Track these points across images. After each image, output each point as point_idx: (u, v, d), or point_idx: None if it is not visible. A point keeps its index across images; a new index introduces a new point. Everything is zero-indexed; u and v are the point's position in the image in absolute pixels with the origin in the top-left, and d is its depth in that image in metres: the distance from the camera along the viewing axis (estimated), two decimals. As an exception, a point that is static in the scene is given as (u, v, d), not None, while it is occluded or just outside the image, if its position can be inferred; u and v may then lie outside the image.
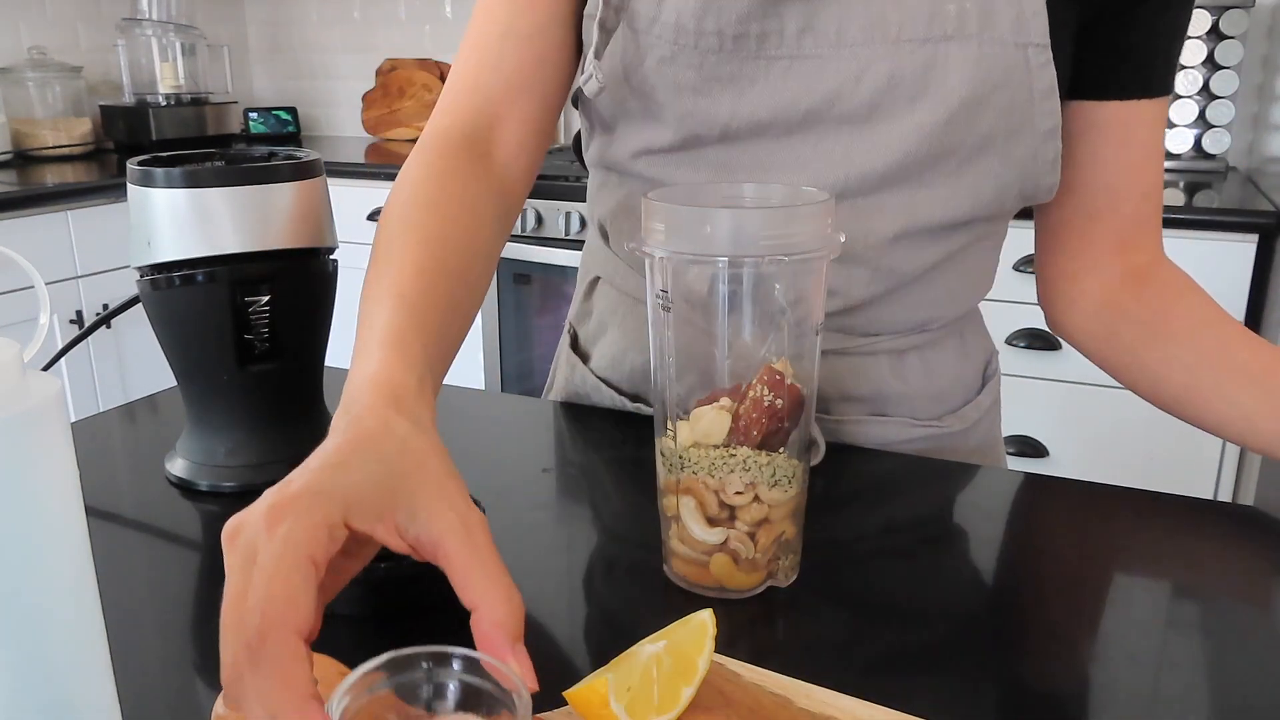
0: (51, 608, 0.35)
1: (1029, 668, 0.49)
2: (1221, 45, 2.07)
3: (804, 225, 0.49)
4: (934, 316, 0.75)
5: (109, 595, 0.54)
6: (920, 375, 0.76)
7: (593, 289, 0.86)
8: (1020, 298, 1.96)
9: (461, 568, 0.40)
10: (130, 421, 0.83)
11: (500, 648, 0.38)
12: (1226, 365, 0.69)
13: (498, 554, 0.41)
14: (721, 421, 0.51)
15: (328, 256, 0.69)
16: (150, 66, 2.81)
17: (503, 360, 2.47)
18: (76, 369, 2.26)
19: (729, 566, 0.53)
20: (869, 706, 0.42)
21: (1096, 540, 0.62)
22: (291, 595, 0.36)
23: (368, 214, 2.52)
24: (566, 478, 0.71)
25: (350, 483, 0.41)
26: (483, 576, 0.40)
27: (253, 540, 0.38)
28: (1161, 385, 0.73)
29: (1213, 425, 0.70)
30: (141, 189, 0.64)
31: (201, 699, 0.47)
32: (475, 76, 0.71)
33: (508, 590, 0.40)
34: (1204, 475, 1.91)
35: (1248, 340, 0.69)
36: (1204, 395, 0.70)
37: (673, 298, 0.51)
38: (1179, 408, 0.72)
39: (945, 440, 0.78)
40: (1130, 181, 0.72)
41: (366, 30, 3.12)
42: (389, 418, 0.45)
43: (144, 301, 0.67)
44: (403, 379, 0.48)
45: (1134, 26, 0.68)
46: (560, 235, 2.26)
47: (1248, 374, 0.68)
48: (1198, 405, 0.71)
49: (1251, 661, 0.49)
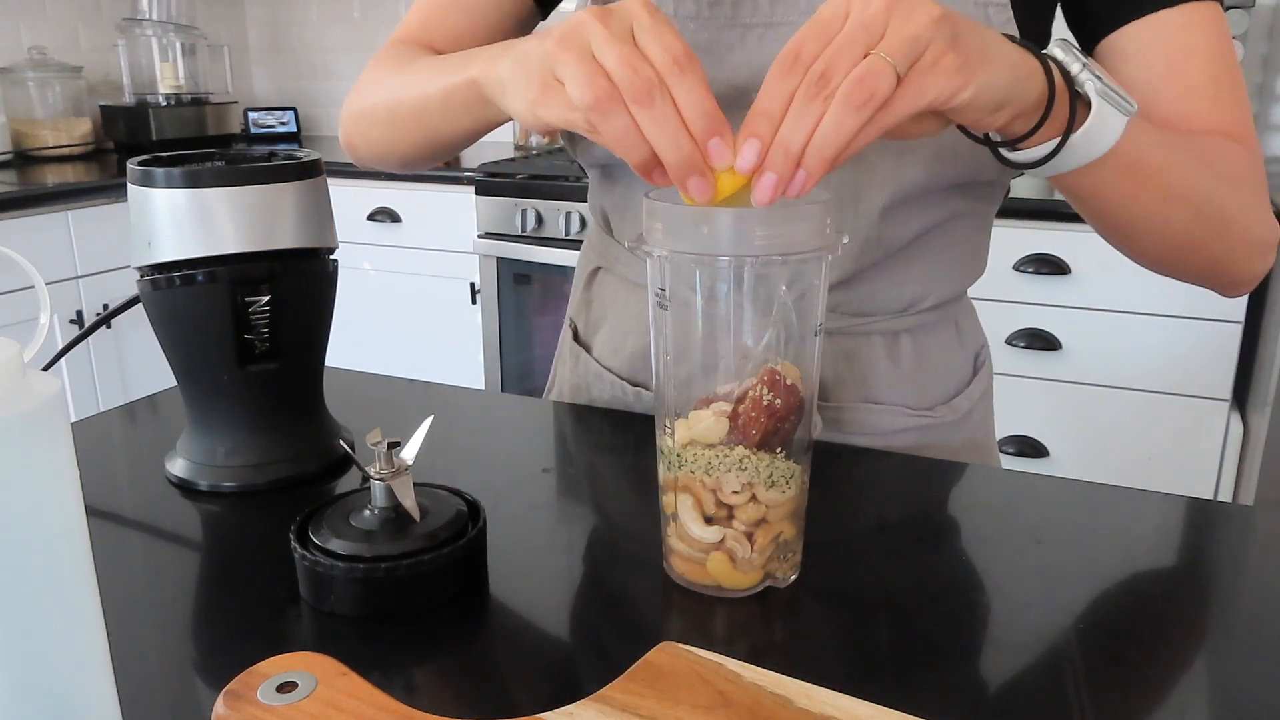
0: (51, 608, 0.35)
1: (1029, 667, 0.49)
2: (1221, 45, 2.06)
3: (804, 225, 0.49)
4: (924, 294, 0.77)
5: (109, 595, 0.54)
6: (913, 359, 0.78)
7: (593, 280, 0.87)
8: (1020, 298, 1.96)
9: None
10: (130, 421, 0.83)
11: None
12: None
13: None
14: (719, 422, 0.51)
15: (328, 256, 0.70)
16: (150, 66, 2.81)
17: (503, 360, 2.47)
18: (76, 369, 2.26)
19: (726, 565, 0.53)
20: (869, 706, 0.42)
21: (1095, 540, 0.62)
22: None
23: (368, 214, 2.52)
24: (566, 478, 0.71)
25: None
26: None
27: (629, 13, 0.50)
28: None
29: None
30: (142, 189, 0.64)
31: (201, 699, 0.47)
32: (425, 25, 0.84)
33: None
34: (1204, 475, 1.91)
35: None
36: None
37: (672, 297, 0.51)
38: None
39: (938, 431, 0.79)
40: (1161, 89, 0.69)
41: (366, 30, 3.12)
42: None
43: (144, 301, 0.67)
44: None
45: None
46: (560, 235, 2.26)
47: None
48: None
49: (1251, 661, 0.49)
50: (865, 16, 0.47)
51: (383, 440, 0.54)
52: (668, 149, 0.47)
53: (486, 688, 0.47)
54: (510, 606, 0.54)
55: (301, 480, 0.69)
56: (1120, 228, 0.67)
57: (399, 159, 0.79)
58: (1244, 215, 0.67)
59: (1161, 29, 0.68)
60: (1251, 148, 0.69)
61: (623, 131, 0.48)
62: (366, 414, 0.81)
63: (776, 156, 0.47)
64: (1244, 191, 0.67)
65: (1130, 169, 0.60)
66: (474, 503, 0.57)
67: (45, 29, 2.75)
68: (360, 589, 0.52)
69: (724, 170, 0.48)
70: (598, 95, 0.48)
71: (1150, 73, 0.69)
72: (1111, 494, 0.68)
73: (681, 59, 0.48)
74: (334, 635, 0.51)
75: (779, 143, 0.47)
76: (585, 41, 0.49)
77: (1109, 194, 0.62)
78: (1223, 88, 0.69)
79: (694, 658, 0.44)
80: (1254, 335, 1.92)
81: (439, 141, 0.73)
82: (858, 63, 0.46)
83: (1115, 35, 0.70)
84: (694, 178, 0.48)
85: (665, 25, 0.49)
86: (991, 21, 0.68)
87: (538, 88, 0.52)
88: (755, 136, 0.47)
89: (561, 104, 0.51)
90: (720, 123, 0.48)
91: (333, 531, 0.53)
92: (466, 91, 0.63)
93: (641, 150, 0.49)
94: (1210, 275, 0.70)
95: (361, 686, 0.41)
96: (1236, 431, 1.89)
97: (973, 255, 0.80)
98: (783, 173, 0.47)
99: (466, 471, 0.71)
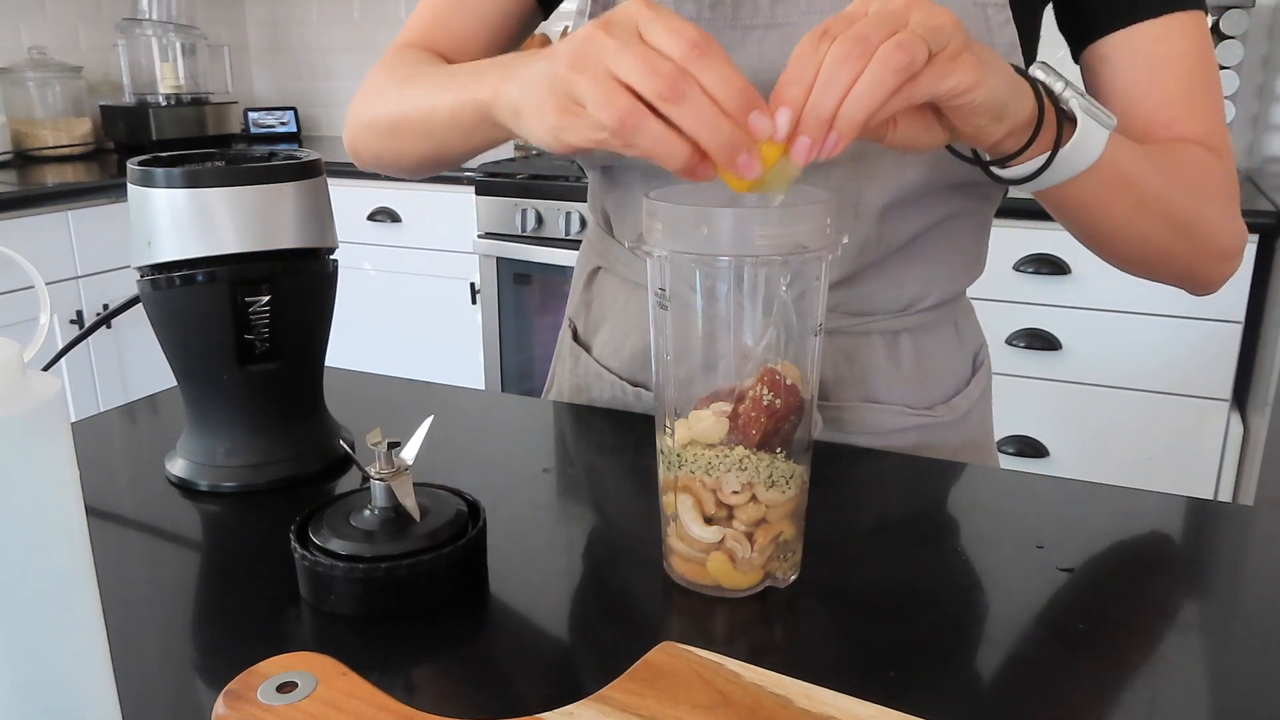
0: (51, 608, 0.35)
1: (1028, 667, 0.49)
2: (1222, 45, 2.07)
3: (804, 225, 0.49)
4: (923, 294, 0.77)
5: (109, 595, 0.54)
6: (912, 359, 0.78)
7: (592, 280, 0.87)
8: (1020, 298, 1.96)
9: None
10: (130, 421, 0.83)
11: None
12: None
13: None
14: (719, 422, 0.51)
15: (328, 256, 0.70)
16: (150, 66, 2.81)
17: (503, 360, 2.47)
18: (76, 369, 2.26)
19: (726, 565, 0.53)
20: (869, 706, 0.42)
21: (1095, 540, 0.62)
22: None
23: (368, 214, 2.52)
24: (566, 478, 0.71)
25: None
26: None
27: (630, 14, 0.49)
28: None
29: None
30: (142, 189, 0.64)
31: (201, 699, 0.47)
32: (429, 28, 0.83)
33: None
34: (1204, 475, 1.91)
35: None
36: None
37: (672, 297, 0.51)
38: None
39: (938, 431, 0.80)
40: (1140, 96, 0.72)
41: (366, 30, 3.12)
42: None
43: (144, 301, 0.67)
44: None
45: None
46: (560, 235, 2.26)
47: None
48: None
49: (1251, 661, 0.49)
50: (891, 8, 0.49)
51: (383, 440, 0.54)
52: (708, 136, 0.48)
53: (486, 688, 0.47)
54: (510, 606, 0.54)
55: (301, 480, 0.69)
56: (1098, 235, 0.69)
57: (404, 169, 0.80)
58: (1214, 224, 0.70)
59: (1145, 38, 0.70)
60: (1224, 157, 0.72)
61: (657, 140, 0.48)
62: (366, 414, 0.81)
63: (810, 117, 0.48)
64: (1215, 202, 0.70)
65: (1110, 181, 0.62)
66: (474, 503, 0.57)
67: (45, 29, 2.75)
68: (360, 589, 0.52)
69: (766, 141, 0.49)
70: (621, 114, 0.48)
71: (1132, 80, 0.71)
72: (1111, 494, 0.68)
73: (698, 42, 0.48)
74: (334, 635, 0.51)
75: (813, 105, 0.48)
76: (597, 58, 0.49)
77: (1090, 204, 0.65)
78: (1200, 98, 0.71)
79: (694, 658, 0.44)
80: (1254, 335, 1.92)
81: (445, 155, 0.74)
82: (890, 35, 0.48)
83: (1101, 42, 0.71)
84: (742, 156, 0.48)
85: (669, 14, 0.49)
86: (990, 20, 0.68)
87: (557, 113, 0.52)
88: (788, 103, 0.48)
89: (586, 126, 0.51)
90: (753, 95, 0.48)
91: (333, 531, 0.53)
92: (475, 112, 0.63)
93: (681, 153, 0.48)
94: (1180, 279, 0.73)
95: (361, 686, 0.41)
96: (1236, 431, 1.89)
97: (972, 255, 0.81)
98: (816, 133, 0.48)
99: (466, 471, 0.71)
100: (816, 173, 0.69)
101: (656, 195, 0.51)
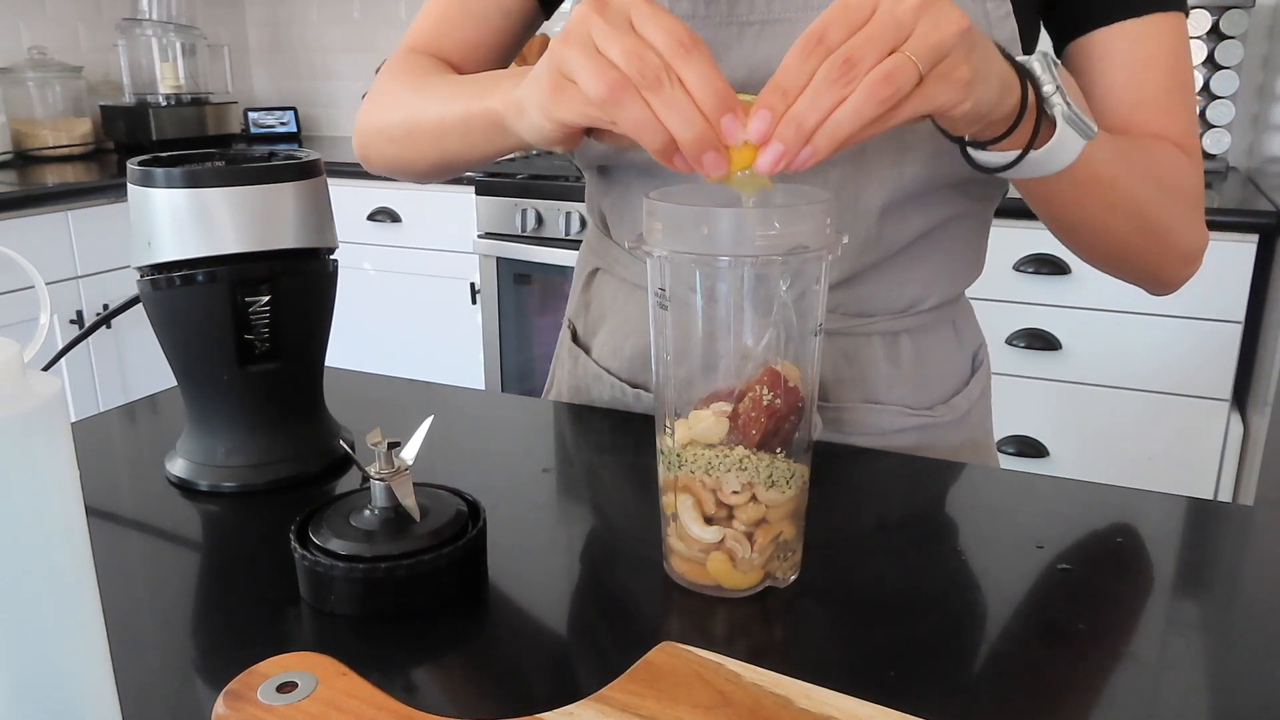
0: (51, 608, 0.35)
1: (1028, 668, 0.49)
2: (1221, 45, 2.07)
3: (804, 225, 0.49)
4: (923, 295, 0.78)
5: (109, 595, 0.54)
6: (912, 359, 0.79)
7: (591, 281, 0.87)
8: (1020, 298, 1.96)
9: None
10: (130, 421, 0.83)
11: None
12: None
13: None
14: (719, 422, 0.51)
15: (328, 256, 0.70)
16: (150, 66, 2.81)
17: (503, 360, 2.47)
18: (76, 369, 2.26)
19: (726, 565, 0.53)
20: (869, 706, 0.42)
21: (1095, 540, 0.62)
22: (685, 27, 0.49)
23: (368, 214, 2.52)
24: (566, 478, 0.71)
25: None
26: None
27: (624, 2, 0.50)
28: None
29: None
30: (142, 189, 0.64)
31: (201, 699, 0.47)
32: (435, 33, 0.84)
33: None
34: (1204, 475, 1.91)
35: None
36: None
37: (671, 297, 0.51)
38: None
39: (937, 431, 0.80)
40: (1119, 95, 0.72)
41: (366, 30, 3.12)
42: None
43: (144, 301, 0.67)
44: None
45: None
46: (560, 235, 2.26)
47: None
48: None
49: (1251, 661, 0.49)
50: (898, 13, 0.48)
51: (383, 440, 0.54)
52: (681, 128, 0.48)
53: (486, 688, 0.47)
54: (510, 607, 0.54)
55: (301, 480, 0.69)
56: (1066, 229, 0.72)
57: (415, 174, 0.81)
58: (1179, 227, 0.71)
59: (1125, 38, 0.71)
60: (1195, 159, 0.73)
61: (640, 118, 0.49)
62: (366, 414, 0.81)
63: (787, 129, 0.48)
64: (1183, 205, 0.71)
65: (1084, 181, 0.63)
66: (474, 503, 0.57)
67: (45, 29, 2.75)
68: (360, 589, 0.52)
69: (736, 146, 0.49)
70: (610, 85, 0.49)
71: (1110, 79, 0.72)
72: (1111, 494, 0.68)
73: (685, 41, 0.49)
74: (334, 635, 0.51)
75: (791, 116, 0.48)
76: (588, 36, 0.50)
77: (1059, 199, 0.66)
78: (1177, 99, 0.72)
79: (694, 658, 0.44)
80: (1254, 335, 1.92)
81: (455, 162, 0.74)
82: (884, 56, 0.47)
83: (1084, 39, 0.72)
84: (709, 154, 0.49)
85: (662, 11, 0.50)
86: (991, 15, 0.68)
87: (549, 89, 0.53)
88: (768, 109, 0.48)
89: (576, 100, 0.52)
90: (730, 99, 0.49)
91: (333, 531, 0.53)
92: (486, 120, 0.65)
93: (660, 135, 0.49)
94: (1143, 277, 0.75)
95: (361, 686, 0.41)
96: (1236, 431, 1.89)
97: (972, 256, 0.81)
98: (790, 145, 0.48)
99: (466, 471, 0.71)
100: (814, 172, 0.69)
101: (656, 195, 0.51)
